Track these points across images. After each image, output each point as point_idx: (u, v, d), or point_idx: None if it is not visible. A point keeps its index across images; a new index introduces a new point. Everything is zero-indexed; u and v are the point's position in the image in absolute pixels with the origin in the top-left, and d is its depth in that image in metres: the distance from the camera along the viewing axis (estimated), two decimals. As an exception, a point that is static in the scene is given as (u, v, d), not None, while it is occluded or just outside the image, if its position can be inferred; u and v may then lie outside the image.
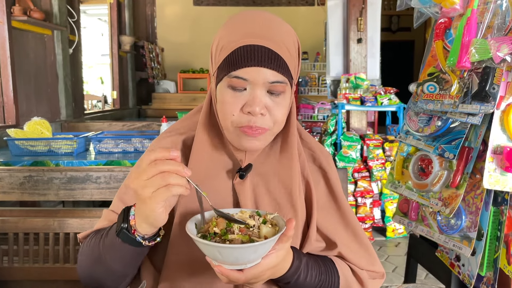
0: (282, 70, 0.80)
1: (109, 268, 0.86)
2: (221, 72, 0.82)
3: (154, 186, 0.70)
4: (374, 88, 4.15)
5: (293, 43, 0.85)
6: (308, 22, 7.53)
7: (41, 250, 1.55)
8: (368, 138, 3.89)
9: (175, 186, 0.71)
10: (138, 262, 0.88)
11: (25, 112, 3.65)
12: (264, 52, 0.79)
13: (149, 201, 0.72)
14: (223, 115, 0.84)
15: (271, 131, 0.85)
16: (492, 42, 0.97)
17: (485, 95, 1.00)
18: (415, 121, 1.22)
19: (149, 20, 7.69)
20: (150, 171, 0.71)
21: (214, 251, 0.73)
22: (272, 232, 0.79)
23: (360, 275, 0.97)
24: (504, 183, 1.00)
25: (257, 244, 0.72)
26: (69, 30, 4.40)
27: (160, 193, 0.71)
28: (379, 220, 3.83)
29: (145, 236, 0.80)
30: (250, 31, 0.81)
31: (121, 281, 0.90)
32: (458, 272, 1.16)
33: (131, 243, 0.80)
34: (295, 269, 0.86)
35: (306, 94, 7.10)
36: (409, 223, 1.27)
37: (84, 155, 2.75)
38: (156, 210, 0.73)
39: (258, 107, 0.79)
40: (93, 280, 0.90)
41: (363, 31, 4.17)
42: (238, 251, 0.72)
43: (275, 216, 0.82)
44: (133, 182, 0.73)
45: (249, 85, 0.80)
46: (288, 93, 0.84)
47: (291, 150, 0.91)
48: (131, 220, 0.79)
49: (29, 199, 1.81)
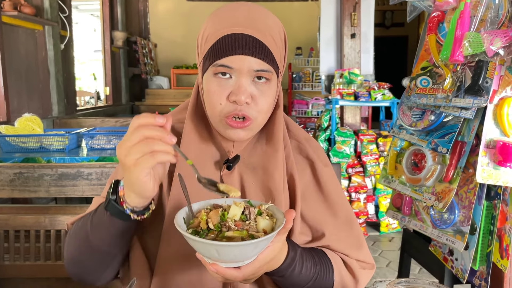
0: (267, 59, 0.81)
1: (94, 247, 0.82)
2: (207, 62, 0.83)
3: (138, 152, 0.67)
4: (368, 84, 4.15)
5: (278, 33, 0.85)
6: (302, 18, 7.52)
7: (32, 247, 1.53)
8: (362, 133, 3.89)
9: (160, 153, 0.68)
10: (124, 242, 0.85)
11: (16, 108, 3.62)
12: (249, 41, 0.79)
13: (134, 169, 0.68)
14: (210, 104, 0.84)
15: (256, 121, 0.85)
16: (485, 36, 0.97)
17: (478, 89, 1.00)
18: (409, 116, 1.21)
19: (142, 16, 7.64)
20: (134, 137, 0.68)
21: (211, 250, 0.68)
22: (270, 224, 0.75)
23: (351, 265, 0.95)
24: (497, 177, 1.00)
25: (259, 241, 0.68)
26: (60, 25, 4.36)
27: (145, 160, 0.68)
28: (373, 215, 3.84)
29: (134, 209, 0.76)
30: (235, 21, 0.81)
31: (104, 267, 0.87)
32: (451, 266, 1.16)
33: (119, 216, 0.77)
34: (290, 260, 0.83)
35: (300, 89, 7.09)
36: (402, 218, 1.27)
37: (76, 151, 2.73)
38: (140, 178, 0.69)
39: (244, 95, 0.80)
40: (76, 265, 0.88)
41: (356, 26, 4.17)
42: (238, 249, 0.68)
43: (269, 206, 0.79)
44: (118, 150, 0.70)
45: (234, 73, 0.81)
46: (274, 82, 0.85)
47: (276, 141, 0.91)
48: (120, 191, 0.77)
49: (19, 196, 1.79)
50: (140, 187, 0.71)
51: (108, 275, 0.91)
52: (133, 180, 0.70)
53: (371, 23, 4.30)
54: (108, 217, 0.78)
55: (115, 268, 0.91)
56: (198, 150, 0.90)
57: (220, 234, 0.72)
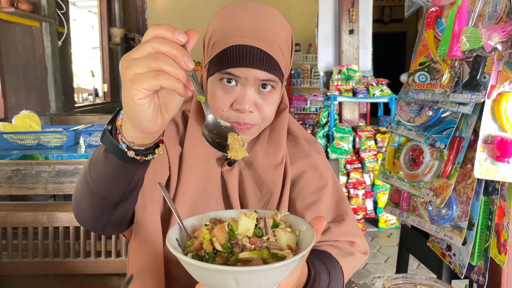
0: (273, 71, 0.81)
1: (92, 189, 0.70)
2: (213, 67, 0.83)
3: (141, 66, 0.53)
4: (366, 80, 4.15)
5: (286, 40, 0.85)
6: (300, 14, 7.50)
7: (30, 244, 1.53)
8: (360, 129, 3.89)
9: (168, 76, 0.53)
10: (125, 188, 0.70)
11: (14, 105, 3.61)
12: (257, 54, 0.79)
13: (130, 85, 0.54)
14: (213, 108, 0.84)
15: (259, 126, 0.86)
16: (483, 31, 0.96)
17: (476, 84, 0.99)
18: (406, 111, 1.21)
19: (140, 12, 7.61)
20: (144, 49, 0.54)
21: (227, 280, 0.50)
22: (293, 238, 0.60)
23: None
24: (495, 173, 1.00)
25: (290, 262, 0.51)
26: (57, 22, 4.34)
27: (146, 76, 0.53)
28: (371, 211, 3.85)
29: (131, 145, 0.62)
30: (243, 28, 0.80)
31: (106, 216, 0.75)
32: (449, 261, 1.16)
33: (115, 152, 0.63)
34: (312, 281, 0.72)
35: (298, 86, 7.09)
36: (400, 214, 1.27)
37: (74, 148, 2.72)
38: (135, 98, 0.54)
39: (248, 105, 0.81)
40: (77, 209, 0.77)
41: (355, 22, 4.15)
42: (265, 275, 0.51)
43: (286, 215, 0.64)
44: (121, 61, 0.56)
45: (240, 81, 0.81)
46: (278, 90, 0.86)
47: (278, 141, 0.92)
48: (118, 120, 0.64)
49: (17, 193, 1.78)
50: (135, 113, 0.56)
51: (114, 227, 0.80)
52: (127, 101, 0.55)
53: (370, 19, 4.29)
54: (103, 152, 0.65)
55: (119, 219, 0.78)
56: (201, 146, 0.89)
57: (232, 256, 0.56)
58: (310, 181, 0.95)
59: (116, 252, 1.54)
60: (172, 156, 0.89)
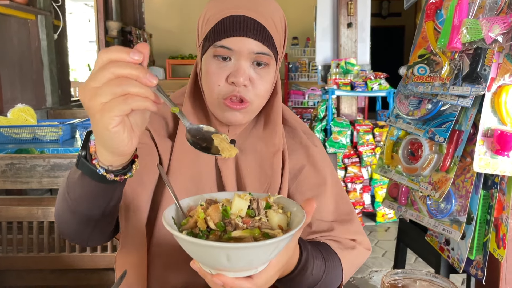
0: (267, 42, 0.81)
1: (73, 208, 0.71)
2: (207, 43, 0.83)
3: (106, 94, 0.51)
4: (364, 73, 4.13)
5: (279, 19, 0.85)
6: (298, 7, 7.45)
7: (25, 239, 1.52)
8: (358, 123, 3.88)
9: (136, 97, 0.52)
10: (106, 204, 0.71)
11: (9, 99, 3.58)
12: (250, 23, 0.79)
13: (100, 116, 0.53)
14: (208, 85, 0.83)
15: (253, 105, 0.84)
16: (484, 22, 0.95)
17: (476, 77, 0.98)
18: (405, 104, 1.20)
19: (137, 5, 7.55)
20: (102, 76, 0.52)
21: (219, 256, 0.53)
22: (285, 219, 0.62)
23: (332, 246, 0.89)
24: (494, 166, 0.99)
25: (280, 239, 0.54)
26: (53, 15, 4.30)
27: (114, 104, 0.52)
28: (369, 205, 3.85)
29: (110, 168, 0.62)
30: (237, 3, 0.81)
31: (89, 230, 0.76)
32: (448, 256, 1.15)
33: (93, 177, 0.63)
34: (304, 263, 0.73)
35: (296, 80, 7.06)
36: (398, 208, 1.26)
37: (70, 142, 2.70)
38: (109, 128, 0.53)
39: (242, 77, 0.80)
40: (61, 224, 0.78)
41: (353, 15, 4.13)
42: (255, 252, 0.54)
43: (279, 197, 0.67)
44: (80, 92, 0.54)
45: (234, 55, 0.81)
46: (272, 67, 0.85)
47: (273, 126, 0.91)
48: (91, 147, 0.63)
49: (11, 187, 1.77)
50: (111, 141, 0.56)
51: (98, 239, 0.82)
52: (101, 131, 0.55)
53: (368, 12, 4.27)
54: (80, 176, 0.65)
55: (104, 231, 0.81)
56: None
57: (225, 235, 0.58)
58: (309, 175, 0.94)
59: (112, 246, 1.53)
60: (163, 151, 0.88)
